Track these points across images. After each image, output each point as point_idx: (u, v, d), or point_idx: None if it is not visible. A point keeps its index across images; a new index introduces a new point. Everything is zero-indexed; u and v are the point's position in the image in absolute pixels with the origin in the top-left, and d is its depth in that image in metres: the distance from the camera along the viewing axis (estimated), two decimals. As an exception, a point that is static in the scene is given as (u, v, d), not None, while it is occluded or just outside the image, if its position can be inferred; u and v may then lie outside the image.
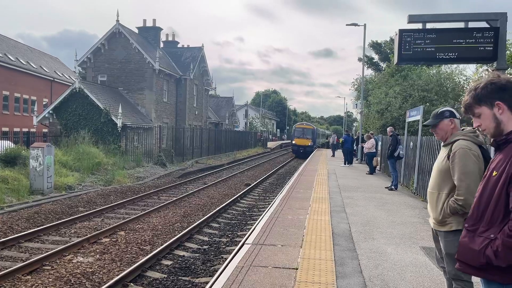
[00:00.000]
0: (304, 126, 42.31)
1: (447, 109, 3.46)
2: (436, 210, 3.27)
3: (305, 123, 44.81)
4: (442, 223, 3.23)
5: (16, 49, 39.23)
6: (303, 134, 39.77)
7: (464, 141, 3.16)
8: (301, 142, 39.26)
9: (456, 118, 3.38)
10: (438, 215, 3.24)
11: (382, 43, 33.08)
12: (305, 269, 4.89)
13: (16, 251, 8.26)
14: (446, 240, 3.21)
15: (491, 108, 2.21)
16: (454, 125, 3.37)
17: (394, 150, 12.56)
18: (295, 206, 9.01)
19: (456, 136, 3.25)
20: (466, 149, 3.10)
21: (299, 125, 43.29)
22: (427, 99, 21.37)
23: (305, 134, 39.80)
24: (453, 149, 3.16)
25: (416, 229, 7.30)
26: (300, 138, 39.55)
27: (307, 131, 40.48)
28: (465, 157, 3.07)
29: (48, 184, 14.55)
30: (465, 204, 3.00)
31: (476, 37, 5.93)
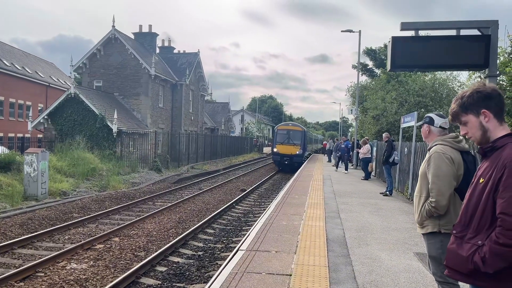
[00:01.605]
0: (290, 127, 31.25)
1: (429, 115, 3.63)
2: (417, 212, 3.40)
3: (291, 124, 33.01)
4: (421, 225, 3.36)
5: (11, 54, 39.14)
6: (289, 139, 29.72)
7: (441, 146, 3.28)
8: (286, 149, 29.00)
9: (433, 126, 3.53)
10: (418, 218, 3.36)
11: (377, 50, 33.27)
12: (298, 275, 4.89)
13: (9, 257, 8.20)
14: (427, 242, 3.33)
15: (477, 116, 2.25)
16: (429, 131, 3.55)
17: (389, 156, 12.62)
18: (290, 212, 9.01)
19: (436, 141, 3.38)
20: (440, 153, 3.21)
21: (283, 126, 32.23)
22: (422, 104, 21.52)
23: (292, 139, 29.64)
24: (430, 153, 3.31)
25: (410, 235, 7.32)
26: (285, 144, 29.39)
27: (294, 134, 30.06)
28: (438, 161, 3.18)
29: (43, 190, 14.48)
30: (437, 206, 3.13)
31: (468, 44, 6.00)
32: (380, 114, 23.27)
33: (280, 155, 28.87)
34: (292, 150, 28.80)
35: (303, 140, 30.12)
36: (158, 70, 29.35)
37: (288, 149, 28.84)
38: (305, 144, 30.57)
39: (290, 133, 29.84)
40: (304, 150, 30.00)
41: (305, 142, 30.59)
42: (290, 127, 31.17)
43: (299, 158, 28.85)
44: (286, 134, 29.88)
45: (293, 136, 29.75)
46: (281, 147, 29.14)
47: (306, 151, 32.13)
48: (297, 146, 29.16)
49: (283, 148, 29.02)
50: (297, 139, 29.73)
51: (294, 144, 29.18)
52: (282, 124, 33.41)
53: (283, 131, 30.49)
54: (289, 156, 28.57)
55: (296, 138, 29.78)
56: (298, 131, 30.44)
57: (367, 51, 33.58)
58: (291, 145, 29.09)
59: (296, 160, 28.49)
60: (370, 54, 33.75)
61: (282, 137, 29.85)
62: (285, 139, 29.63)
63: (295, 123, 35.31)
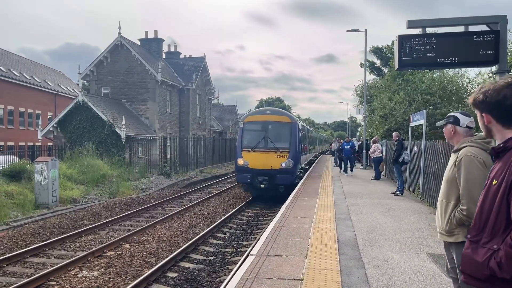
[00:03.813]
0: (268, 117, 16.99)
1: (453, 115, 3.37)
2: (444, 219, 3.17)
3: (270, 111, 17.67)
4: (449, 234, 3.13)
5: (20, 64, 39.61)
6: (266, 139, 16.36)
7: (471, 147, 3.04)
8: (261, 161, 15.98)
9: (459, 126, 3.28)
10: (445, 225, 3.14)
11: (384, 48, 33.08)
12: (310, 280, 4.83)
13: (21, 266, 8.25)
14: (456, 252, 3.09)
15: (481, 116, 2.27)
16: (455, 131, 3.29)
17: (399, 155, 12.46)
18: (300, 214, 8.94)
19: (464, 142, 3.14)
20: (471, 156, 2.98)
21: (255, 116, 17.54)
22: (430, 102, 21.29)
23: (272, 139, 16.35)
24: (459, 156, 3.06)
25: (423, 236, 7.21)
26: (259, 150, 16.19)
27: (276, 129, 16.79)
28: (470, 165, 2.96)
29: (53, 198, 14.58)
30: (469, 214, 2.90)
31: (477, 41, 5.90)
32: (388, 113, 23.09)
33: (250, 172, 15.60)
34: (273, 162, 15.64)
35: (295, 140, 16.30)
36: (164, 76, 29.47)
37: (265, 159, 15.69)
38: (298, 148, 16.46)
39: (269, 129, 16.34)
40: (297, 160, 16.17)
41: (298, 143, 16.51)
42: (268, 117, 16.70)
43: (287, 176, 15.65)
44: (260, 131, 16.38)
45: (274, 134, 16.34)
46: (252, 157, 15.78)
47: (300, 162, 17.26)
48: (283, 152, 15.80)
49: (256, 158, 15.76)
50: (283, 139, 16.30)
51: (276, 149, 15.81)
52: (254, 113, 17.81)
53: (255, 125, 16.70)
54: (268, 173, 15.49)
55: (280, 137, 16.38)
56: (283, 124, 16.54)
57: (373, 49, 33.43)
58: (271, 152, 15.79)
59: (282, 181, 15.48)
60: (376, 52, 33.59)
61: (254, 137, 16.28)
62: (258, 140, 16.08)
63: (277, 109, 18.74)
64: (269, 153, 15.81)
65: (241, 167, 15.88)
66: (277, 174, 15.48)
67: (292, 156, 15.86)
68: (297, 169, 16.28)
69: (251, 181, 15.72)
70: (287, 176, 15.62)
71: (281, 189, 15.47)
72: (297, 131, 16.54)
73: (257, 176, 15.63)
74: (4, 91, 33.69)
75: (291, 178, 15.78)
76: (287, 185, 15.40)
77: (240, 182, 17.05)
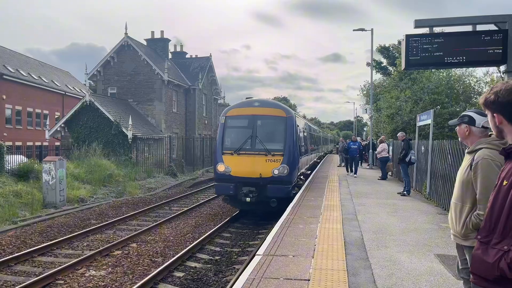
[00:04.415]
0: (257, 110, 13.03)
1: (468, 114, 3.26)
2: (458, 223, 3.09)
3: (259, 103, 13.37)
4: (464, 237, 3.07)
5: (28, 64, 39.92)
6: (254, 139, 12.63)
7: (488, 150, 2.93)
8: (247, 167, 12.35)
9: (474, 126, 3.17)
10: (460, 229, 3.07)
11: (390, 47, 32.93)
12: (317, 280, 4.82)
13: (29, 265, 8.32)
14: (471, 255, 3.05)
15: (492, 117, 2.24)
16: (470, 132, 3.19)
17: (406, 155, 12.39)
18: (306, 214, 8.93)
19: (480, 144, 3.02)
20: (488, 159, 2.87)
21: (240, 109, 13.47)
22: (438, 102, 21.17)
23: (262, 138, 12.63)
24: (476, 158, 2.94)
25: (430, 236, 7.16)
26: (243, 152, 12.53)
27: (267, 126, 13.11)
28: (487, 168, 2.86)
29: (61, 197, 14.68)
30: None
31: (485, 40, 5.86)
32: (394, 113, 22.99)
33: (233, 181, 12.35)
34: (262, 168, 12.27)
35: (292, 139, 12.74)
36: (171, 76, 29.57)
37: (252, 165, 12.36)
38: (296, 149, 12.93)
39: (258, 125, 12.95)
40: (294, 164, 12.65)
41: (296, 143, 12.95)
42: (256, 110, 13.13)
43: (281, 187, 12.18)
44: (247, 128, 13.02)
45: (264, 132, 12.98)
46: (235, 162, 12.50)
47: (299, 167, 13.67)
48: (275, 155, 12.39)
49: (240, 163, 12.49)
50: (276, 138, 13.01)
51: (267, 151, 12.39)
52: (239, 106, 13.95)
53: (239, 120, 13.33)
54: (256, 183, 12.19)
55: (272, 135, 13.09)
56: (276, 119, 13.07)
57: (380, 49, 33.28)
58: (260, 155, 12.41)
59: (274, 192, 12.08)
60: (383, 52, 33.44)
61: (238, 136, 13.07)
62: (244, 139, 12.71)
63: (268, 100, 14.77)
64: (257, 156, 12.20)
65: (222, 174, 12.31)
66: (268, 184, 11.89)
67: (288, 160, 12.15)
68: (293, 176, 12.53)
69: (234, 193, 12.10)
70: (280, 187, 11.94)
71: (273, 203, 11.83)
72: (294, 128, 12.69)
73: (241, 186, 12.05)
74: (12, 91, 33.97)
75: (286, 189, 12.00)
76: (281, 198, 11.82)
77: (219, 194, 13.31)
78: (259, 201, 12.09)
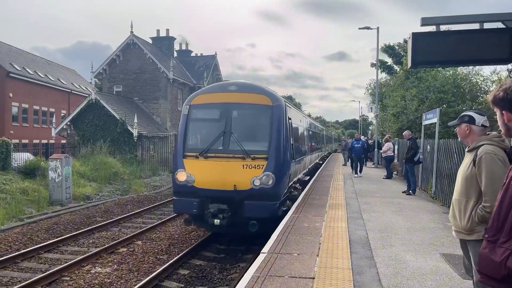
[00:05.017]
0: (232, 97, 9.30)
1: (467, 114, 3.40)
2: (463, 218, 3.17)
3: (235, 86, 9.50)
4: (470, 232, 3.13)
5: (34, 62, 40.14)
6: (227, 137, 8.93)
7: (490, 146, 3.07)
8: (215, 175, 8.62)
9: (474, 125, 3.30)
10: (466, 224, 3.14)
11: (396, 46, 32.75)
12: (322, 279, 4.82)
13: (35, 262, 8.38)
14: (475, 249, 3.06)
15: (501, 114, 2.22)
16: (470, 130, 3.31)
17: (415, 155, 12.27)
18: (311, 213, 8.92)
19: (481, 141, 3.16)
20: (491, 154, 3.01)
21: (209, 96, 9.64)
22: (444, 100, 21.04)
23: (238, 136, 8.90)
24: (479, 154, 3.08)
25: (436, 235, 7.14)
26: (212, 155, 8.82)
27: (243, 117, 9.25)
28: (491, 163, 2.99)
29: (67, 195, 14.77)
30: (492, 211, 2.84)
31: (492, 38, 5.80)
32: (400, 111, 22.89)
33: (198, 195, 8.77)
34: (238, 177, 8.65)
35: (280, 136, 9.00)
36: (176, 74, 29.62)
37: (223, 172, 8.72)
38: (285, 150, 9.13)
39: (233, 117, 9.20)
40: (283, 171, 9.06)
41: (286, 142, 9.23)
42: (232, 96, 9.41)
43: (264, 204, 8.57)
44: (218, 122, 9.38)
45: (242, 127, 9.31)
46: (201, 168, 8.89)
47: (291, 174, 9.74)
48: (257, 159, 8.74)
49: (208, 170, 8.84)
50: (258, 134, 9.46)
51: (245, 154, 8.75)
52: (208, 91, 9.96)
53: (208, 111, 9.77)
54: (229, 198, 8.62)
55: (253, 131, 9.50)
56: (259, 109, 9.36)
57: (385, 48, 33.11)
58: (236, 159, 8.78)
59: (254, 212, 8.56)
60: (388, 51, 33.27)
61: (206, 133, 9.62)
62: (214, 138, 9.08)
63: (248, 83, 9.92)
64: (232, 161, 8.66)
65: (182, 186, 8.75)
66: (246, 200, 8.42)
67: (275, 165, 8.61)
68: (282, 188, 8.92)
69: (199, 212, 8.66)
70: (263, 204, 8.43)
71: (253, 227, 8.41)
72: (283, 121, 9.10)
73: (209, 203, 8.60)
74: (19, 89, 34.19)
75: (271, 207, 8.50)
76: (264, 219, 8.47)
77: (178, 212, 10.10)
78: (233, 224, 8.53)
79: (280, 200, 8.88)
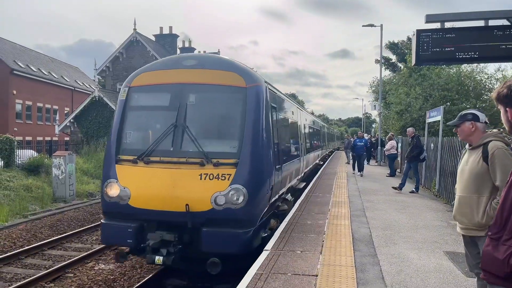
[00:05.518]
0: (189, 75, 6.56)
1: (470, 112, 3.43)
2: (476, 214, 3.18)
3: (193, 60, 6.77)
4: (483, 228, 3.12)
5: (38, 60, 40.27)
6: (178, 133, 6.25)
7: (498, 141, 3.15)
8: (160, 188, 5.94)
9: (479, 122, 3.33)
10: (480, 220, 3.15)
11: (399, 43, 32.65)
12: (325, 276, 4.82)
13: (39, 258, 8.42)
14: None
15: (505, 111, 2.23)
16: (475, 128, 3.33)
17: (421, 153, 12.19)
18: (314, 210, 8.92)
19: (487, 137, 3.21)
20: (503, 149, 3.09)
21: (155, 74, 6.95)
22: (448, 98, 20.96)
23: (194, 131, 6.23)
24: (490, 150, 3.13)
25: (440, 233, 7.12)
26: (157, 159, 6.17)
27: (203, 104, 6.54)
28: (504, 157, 3.07)
29: (70, 192, 14.82)
30: None
31: (497, 35, 5.78)
32: (404, 109, 22.82)
33: (135, 217, 6.07)
34: (192, 192, 5.89)
35: (256, 131, 6.24)
36: (179, 71, 29.63)
37: (171, 185, 5.95)
38: (264, 151, 6.35)
39: (188, 105, 6.44)
40: (261, 183, 6.24)
41: (267, 140, 6.45)
42: (188, 74, 6.61)
43: (232, 234, 5.86)
44: (167, 110, 6.67)
45: (200, 119, 6.56)
46: (140, 178, 6.17)
47: (273, 184, 6.66)
48: (220, 167, 5.97)
49: (149, 181, 6.10)
50: (224, 130, 6.69)
51: (203, 158, 6.02)
52: (155, 66, 7.19)
53: (155, 95, 7.01)
54: (178, 223, 5.89)
55: (217, 125, 6.71)
56: (227, 92, 6.54)
57: (389, 45, 33.03)
58: (190, 165, 6.06)
59: (215, 244, 5.85)
60: (392, 48, 33.19)
61: (149, 127, 6.91)
62: (160, 134, 6.36)
63: (210, 56, 7.73)
64: (184, 168, 6.14)
65: (113, 204, 6.26)
66: (204, 227, 5.91)
67: (249, 174, 6.08)
68: (259, 207, 6.33)
69: (136, 244, 6.08)
70: (228, 233, 5.93)
71: (213, 268, 5.84)
72: (262, 110, 6.47)
73: (150, 230, 6.09)
74: (23, 86, 34.31)
75: (241, 237, 5.96)
76: (231, 254, 5.98)
77: (107, 243, 7.35)
78: (185, 259, 6.10)
79: (255, 226, 6.10)
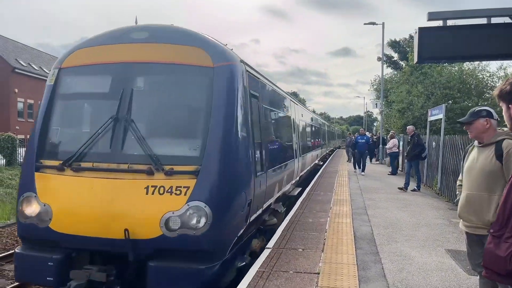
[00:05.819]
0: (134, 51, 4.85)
1: (484, 109, 3.39)
2: (487, 212, 3.16)
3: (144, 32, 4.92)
4: None
5: (40, 58, 40.32)
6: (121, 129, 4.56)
7: (511, 139, 3.14)
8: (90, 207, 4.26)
9: (493, 119, 3.30)
10: (491, 218, 3.10)
11: (401, 41, 32.60)
12: (327, 274, 4.83)
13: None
14: None
15: (507, 108, 2.20)
16: (490, 125, 3.29)
17: (423, 151, 12.18)
18: (315, 208, 8.93)
19: (500, 136, 3.19)
20: None
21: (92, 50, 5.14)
22: (449, 96, 20.94)
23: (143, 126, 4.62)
24: (505, 148, 3.11)
25: (441, 231, 7.12)
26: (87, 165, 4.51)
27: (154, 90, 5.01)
28: None
29: (72, 190, 14.82)
30: None
31: (500, 33, 5.76)
32: (405, 107, 22.80)
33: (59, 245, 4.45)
34: (136, 212, 4.23)
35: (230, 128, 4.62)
36: (181, 70, 29.61)
37: (108, 201, 4.29)
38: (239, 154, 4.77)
39: (135, 91, 4.76)
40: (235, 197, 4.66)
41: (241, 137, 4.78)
42: (137, 49, 4.91)
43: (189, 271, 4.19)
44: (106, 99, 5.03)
45: (151, 110, 4.93)
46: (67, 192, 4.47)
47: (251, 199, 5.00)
48: (177, 176, 4.32)
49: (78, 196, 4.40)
50: (183, 125, 4.88)
51: (153, 164, 4.36)
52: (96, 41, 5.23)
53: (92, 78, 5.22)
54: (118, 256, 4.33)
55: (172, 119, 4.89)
56: (187, 73, 4.81)
57: (391, 43, 32.99)
58: (135, 174, 4.41)
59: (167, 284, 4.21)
60: (394, 46, 33.15)
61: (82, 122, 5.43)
62: (96, 131, 4.66)
63: (165, 27, 5.21)
64: (126, 177, 4.43)
65: (29, 226, 4.55)
66: (150, 261, 4.24)
67: (215, 186, 4.38)
68: (231, 232, 4.71)
69: (58, 282, 4.35)
70: (183, 270, 4.23)
71: None
72: (237, 99, 4.81)
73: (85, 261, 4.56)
74: (24, 85, 34.37)
75: (203, 274, 4.23)
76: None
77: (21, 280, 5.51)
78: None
79: (224, 257, 4.61)
